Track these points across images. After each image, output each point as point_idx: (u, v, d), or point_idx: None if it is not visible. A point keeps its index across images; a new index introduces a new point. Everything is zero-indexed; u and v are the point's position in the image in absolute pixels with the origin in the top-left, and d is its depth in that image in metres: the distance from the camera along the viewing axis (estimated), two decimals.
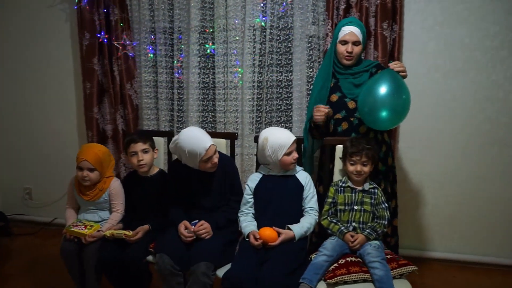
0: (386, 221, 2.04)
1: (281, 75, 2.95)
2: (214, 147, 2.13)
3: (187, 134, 2.12)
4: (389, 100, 2.01)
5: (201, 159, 2.08)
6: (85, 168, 2.25)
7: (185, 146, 2.08)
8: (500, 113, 2.76)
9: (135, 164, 2.29)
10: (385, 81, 2.03)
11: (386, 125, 2.11)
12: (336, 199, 2.12)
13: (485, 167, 2.82)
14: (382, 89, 2.01)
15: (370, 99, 2.05)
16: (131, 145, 2.28)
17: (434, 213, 2.94)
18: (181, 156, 2.15)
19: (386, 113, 2.02)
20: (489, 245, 2.89)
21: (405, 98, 2.06)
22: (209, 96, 3.09)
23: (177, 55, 3.05)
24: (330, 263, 1.92)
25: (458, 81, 2.78)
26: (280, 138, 2.11)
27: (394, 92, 2.02)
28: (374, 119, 2.07)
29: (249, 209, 2.19)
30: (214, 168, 2.16)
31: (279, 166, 2.16)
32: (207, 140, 2.11)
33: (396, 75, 2.08)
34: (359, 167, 2.06)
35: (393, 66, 2.11)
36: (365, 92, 2.10)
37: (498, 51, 2.71)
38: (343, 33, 2.26)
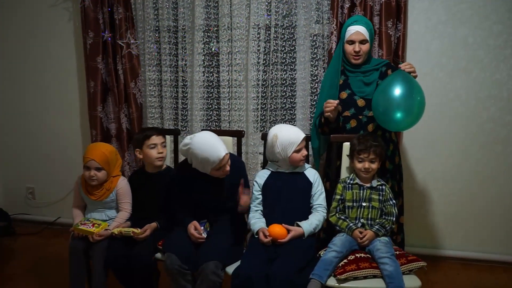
0: (394, 217, 2.06)
1: (285, 73, 2.96)
2: (228, 156, 2.07)
3: (201, 141, 2.02)
4: (404, 101, 2.03)
5: (213, 168, 2.04)
6: (92, 168, 2.25)
7: (199, 153, 2.00)
8: (504, 112, 2.78)
9: (154, 157, 2.29)
10: (399, 83, 2.05)
11: (401, 126, 2.12)
12: (344, 196, 2.13)
13: (489, 165, 2.84)
14: (397, 91, 2.03)
15: (385, 100, 2.06)
16: (152, 137, 2.29)
17: (438, 211, 2.95)
18: (192, 161, 2.09)
19: (400, 114, 2.03)
20: (492, 243, 2.90)
21: (420, 100, 2.07)
22: (213, 94, 3.09)
23: (181, 53, 3.04)
24: (340, 259, 1.93)
25: (461, 80, 2.80)
26: (290, 135, 2.12)
27: (407, 94, 2.04)
28: (388, 120, 2.08)
29: (257, 206, 2.20)
30: (225, 175, 2.12)
31: (288, 163, 2.17)
32: (221, 148, 2.02)
33: (409, 77, 2.10)
34: (367, 164, 2.07)
35: (404, 67, 2.12)
36: (379, 92, 2.11)
37: (501, 50, 2.73)
38: (349, 33, 2.27)
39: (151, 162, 2.33)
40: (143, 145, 2.31)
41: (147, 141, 2.29)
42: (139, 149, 2.33)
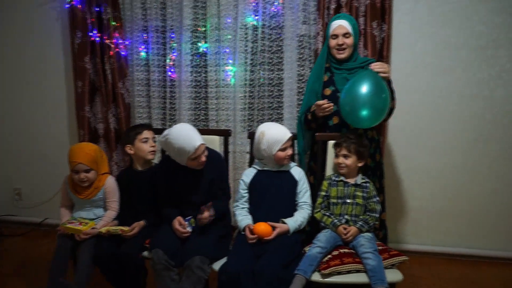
0: (377, 214, 2.10)
1: (272, 73, 3.00)
2: (203, 146, 2.14)
3: (178, 131, 2.10)
4: (369, 99, 2.08)
5: (189, 157, 2.10)
6: (81, 171, 2.25)
7: (175, 143, 2.08)
8: (486, 110, 2.84)
9: (147, 150, 2.34)
10: (364, 82, 2.10)
11: (367, 123, 2.16)
12: (329, 193, 2.17)
13: (471, 162, 2.90)
14: (363, 89, 2.08)
15: (351, 98, 2.11)
16: (145, 131, 2.35)
17: (422, 208, 3.01)
18: (170, 152, 2.16)
19: (366, 111, 2.08)
20: (475, 238, 2.96)
21: (384, 97, 2.12)
22: (201, 94, 3.12)
23: (169, 53, 3.06)
24: (324, 255, 1.97)
25: (445, 79, 2.86)
26: (277, 133, 2.16)
27: (372, 92, 2.08)
28: (355, 118, 2.13)
29: (244, 204, 2.23)
30: (201, 166, 2.17)
31: (274, 161, 2.20)
32: (197, 138, 2.10)
33: (376, 75, 2.14)
34: (340, 159, 2.13)
35: (374, 66, 2.17)
36: (346, 91, 2.16)
37: (483, 50, 2.79)
38: (333, 27, 2.32)
39: (143, 156, 2.36)
40: (135, 140, 2.34)
41: (139, 135, 2.34)
42: (130, 145, 2.36)
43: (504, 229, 2.92)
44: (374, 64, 2.19)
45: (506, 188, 2.89)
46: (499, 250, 2.93)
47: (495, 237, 2.94)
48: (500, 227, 2.92)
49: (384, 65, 2.19)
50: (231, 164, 3.02)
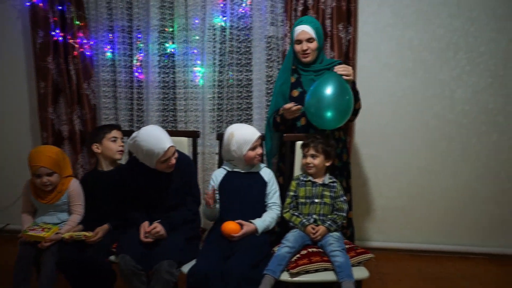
0: (345, 213, 2.14)
1: (241, 74, 3.00)
2: (173, 148, 2.11)
3: (147, 133, 2.07)
4: (333, 101, 2.11)
5: (158, 159, 2.07)
6: (43, 175, 2.18)
7: (144, 145, 2.04)
8: (447, 110, 2.95)
9: (115, 149, 2.31)
10: (328, 84, 2.13)
11: (331, 124, 2.20)
12: (297, 193, 2.19)
13: (434, 160, 3.00)
14: (327, 91, 2.11)
15: (316, 100, 2.14)
16: (114, 131, 2.33)
17: (389, 206, 3.09)
18: (138, 154, 2.12)
19: (331, 113, 2.12)
20: (438, 234, 3.07)
21: (348, 99, 2.16)
22: (169, 95, 3.08)
23: (136, 54, 3.01)
24: (293, 254, 1.99)
25: (408, 80, 2.95)
26: (246, 133, 2.17)
27: (337, 93, 2.12)
28: (320, 119, 2.17)
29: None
30: (171, 169, 2.15)
31: (244, 162, 2.20)
32: (166, 140, 2.07)
33: (339, 77, 2.17)
34: (308, 159, 2.16)
35: (337, 69, 2.21)
36: (311, 93, 2.18)
37: (443, 52, 2.90)
38: (296, 33, 2.34)
39: (111, 156, 2.33)
40: (103, 138, 2.31)
41: (108, 134, 2.31)
42: (98, 144, 2.32)
43: (465, 225, 3.04)
44: (337, 66, 2.23)
45: (467, 186, 3.00)
46: (460, 245, 3.05)
47: (456, 233, 3.05)
48: (461, 223, 3.04)
49: (348, 68, 2.23)
50: (200, 166, 3.00)
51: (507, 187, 2.98)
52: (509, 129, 2.92)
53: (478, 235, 3.04)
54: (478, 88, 2.91)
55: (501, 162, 2.95)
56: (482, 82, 2.90)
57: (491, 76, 2.89)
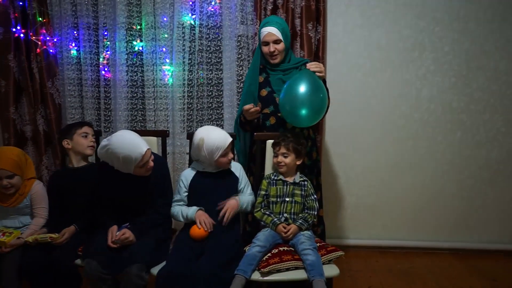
0: (315, 211, 2.15)
1: (211, 73, 2.97)
2: (149, 151, 2.05)
3: (120, 139, 1.97)
4: (308, 99, 2.12)
5: (136, 164, 2.00)
6: (3, 177, 2.10)
7: (119, 152, 1.95)
8: (413, 109, 3.02)
9: (86, 145, 2.29)
10: (303, 81, 2.13)
11: (306, 122, 2.21)
12: (268, 192, 2.19)
13: (401, 158, 3.07)
14: (301, 89, 2.12)
15: (290, 98, 2.14)
16: (85, 127, 2.32)
17: (358, 203, 3.13)
18: (113, 162, 2.03)
19: (305, 111, 2.12)
20: (406, 230, 3.14)
21: (322, 97, 2.18)
22: (138, 94, 3.02)
23: (102, 52, 2.93)
24: (264, 253, 1.98)
25: (377, 79, 3.00)
26: (216, 140, 2.12)
27: (310, 91, 2.13)
28: (295, 117, 2.17)
29: (181, 205, 2.19)
30: (149, 172, 2.09)
31: (215, 166, 2.19)
32: (142, 144, 2.00)
33: (312, 75, 2.19)
34: (279, 158, 2.16)
35: (310, 66, 2.22)
36: (285, 91, 2.18)
37: (409, 52, 2.96)
38: (263, 34, 2.33)
39: (81, 151, 2.29)
40: (74, 134, 2.28)
41: (79, 130, 2.30)
42: (69, 139, 2.28)
43: (432, 221, 3.12)
44: (310, 64, 2.23)
45: (433, 183, 3.08)
46: (427, 240, 3.13)
47: (424, 229, 3.13)
48: (428, 220, 3.12)
49: (319, 65, 2.25)
50: (171, 166, 2.95)
51: (470, 183, 3.07)
52: (472, 127, 3.01)
53: (444, 230, 3.12)
54: (442, 88, 2.99)
55: (465, 159, 3.05)
56: (446, 81, 2.98)
57: (455, 75, 2.97)
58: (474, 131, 3.02)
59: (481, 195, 3.08)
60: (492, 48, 2.93)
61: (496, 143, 3.02)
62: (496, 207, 3.09)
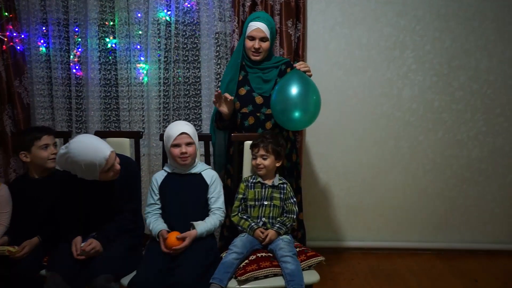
0: (294, 215, 2.08)
1: (188, 71, 2.87)
2: (113, 153, 1.92)
3: (80, 145, 1.82)
4: (301, 101, 2.04)
5: (101, 170, 1.86)
6: None
7: (81, 160, 1.80)
8: (395, 109, 2.98)
9: (47, 158, 2.09)
10: (295, 83, 2.05)
11: (298, 125, 2.14)
12: (246, 195, 2.10)
13: (383, 158, 3.02)
14: (293, 90, 2.04)
15: (282, 100, 2.06)
16: (44, 137, 2.10)
17: (340, 204, 3.08)
18: (76, 171, 1.86)
19: (298, 113, 2.04)
20: (388, 231, 3.10)
21: (316, 99, 2.10)
22: (111, 93, 2.90)
23: (73, 49, 2.80)
24: (241, 260, 1.90)
25: (358, 78, 2.94)
26: (171, 128, 2.08)
27: (304, 93, 2.05)
28: (286, 119, 2.09)
29: (156, 210, 2.09)
30: (117, 175, 1.96)
31: (177, 164, 2.09)
32: (105, 147, 1.87)
33: (305, 76, 2.12)
34: (258, 160, 2.08)
35: (299, 66, 2.14)
36: (277, 92, 2.10)
37: (391, 51, 2.92)
38: (251, 28, 2.24)
39: (42, 164, 2.11)
40: (32, 146, 2.08)
41: (37, 141, 2.08)
42: (26, 152, 2.09)
43: (413, 222, 3.08)
44: (298, 64, 2.16)
45: (414, 183, 3.05)
46: (409, 241, 3.09)
47: (406, 230, 3.10)
48: (409, 220, 3.08)
49: (306, 64, 2.19)
50: (146, 168, 2.85)
51: (452, 183, 3.05)
52: (454, 126, 2.99)
53: (426, 231, 3.10)
54: (424, 87, 2.95)
55: (446, 159, 3.02)
56: (427, 80, 2.95)
57: (436, 74, 2.94)
58: (456, 131, 2.99)
59: (463, 194, 3.06)
60: (473, 46, 2.91)
61: (477, 143, 3.00)
62: (478, 206, 3.07)
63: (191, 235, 1.94)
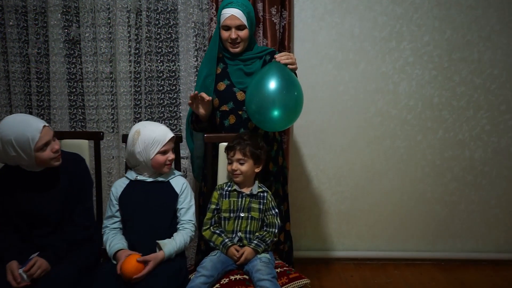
0: (276, 229, 1.80)
1: (162, 64, 2.59)
2: (49, 130, 1.66)
3: (9, 121, 1.62)
4: (279, 98, 1.77)
5: (35, 146, 1.59)
6: None
7: (10, 135, 1.58)
8: (390, 105, 2.73)
9: None
10: (273, 76, 1.78)
11: (277, 126, 1.86)
12: (220, 206, 1.82)
13: (378, 160, 2.78)
14: (271, 85, 1.76)
15: (259, 96, 1.78)
16: None
17: (331, 211, 2.83)
18: (8, 154, 1.61)
19: (277, 111, 1.76)
20: (383, 240, 2.86)
21: (297, 95, 1.82)
22: (77, 89, 2.61)
23: (33, 39, 2.51)
24: (211, 284, 1.63)
25: (350, 72, 2.69)
26: (155, 132, 1.78)
27: (284, 88, 1.78)
28: (263, 119, 1.81)
29: (115, 224, 1.80)
30: (58, 160, 1.68)
31: (151, 168, 1.80)
32: (38, 120, 1.65)
33: (285, 69, 1.84)
34: (234, 165, 1.81)
35: (279, 58, 1.86)
36: (252, 88, 1.83)
37: (386, 42, 2.66)
38: (224, 16, 1.96)
39: None
40: None
41: None
42: None
43: (411, 229, 2.85)
44: (279, 55, 1.87)
45: (412, 187, 2.81)
46: (406, 251, 2.86)
47: (402, 238, 2.86)
48: (406, 228, 2.85)
49: (290, 55, 1.89)
50: (116, 173, 2.59)
51: (452, 186, 2.81)
52: (455, 125, 2.74)
53: (425, 239, 2.86)
54: (422, 82, 2.70)
55: (447, 160, 2.78)
56: (426, 74, 2.69)
57: (435, 68, 2.69)
58: (457, 130, 2.75)
59: (465, 199, 2.82)
60: (475, 37, 2.65)
61: (480, 143, 2.76)
62: (481, 212, 2.83)
63: (156, 258, 1.65)
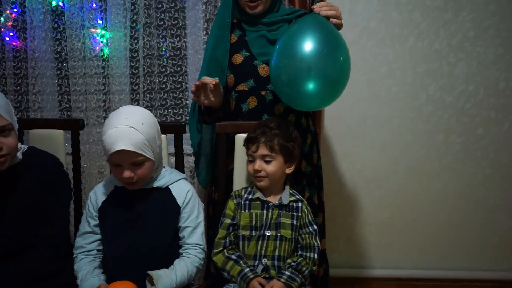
0: (316, 253, 1.34)
1: (164, 40, 2.21)
2: None
3: None
4: (319, 63, 1.33)
5: None
6: None
7: None
8: (444, 91, 2.31)
9: None
10: (309, 34, 1.34)
11: (313, 103, 1.42)
12: (237, 220, 1.35)
13: (428, 159, 2.37)
14: (307, 46, 1.32)
15: (289, 62, 1.34)
16: None
17: (369, 220, 2.43)
18: None
19: (314, 84, 1.32)
20: (433, 256, 2.45)
21: (343, 61, 1.39)
22: (62, 72, 2.23)
23: (6, 9, 2.15)
24: None
25: (395, 50, 2.27)
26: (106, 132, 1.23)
27: (323, 51, 1.33)
28: (295, 94, 1.37)
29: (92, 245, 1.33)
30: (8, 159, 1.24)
31: None
32: None
33: (326, 24, 1.40)
34: (257, 164, 1.35)
35: (319, 8, 1.41)
36: (280, 51, 1.38)
37: (440, 13, 2.24)
38: None
39: None
40: None
41: None
42: None
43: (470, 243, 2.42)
44: (319, 4, 1.43)
45: (470, 192, 2.38)
46: (464, 270, 2.43)
47: (459, 254, 2.44)
48: (465, 241, 2.42)
49: (334, 6, 1.46)
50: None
51: None
52: None
53: (484, 256, 2.43)
54: (485, 62, 2.26)
55: None
56: (490, 53, 2.25)
57: (502, 45, 2.24)
58: None
59: None
60: None
61: None
62: None
63: None
